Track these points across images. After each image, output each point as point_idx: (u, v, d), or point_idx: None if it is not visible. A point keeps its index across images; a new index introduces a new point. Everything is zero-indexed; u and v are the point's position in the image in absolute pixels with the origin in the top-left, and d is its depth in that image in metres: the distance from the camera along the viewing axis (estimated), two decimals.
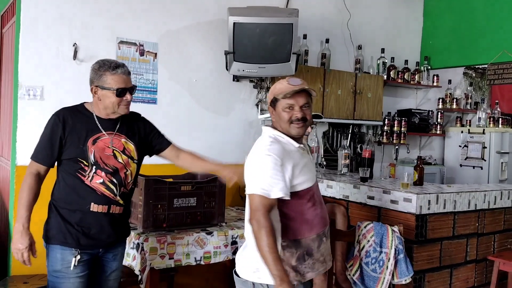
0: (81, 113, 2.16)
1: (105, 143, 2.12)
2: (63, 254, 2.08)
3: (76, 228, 2.10)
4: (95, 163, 2.10)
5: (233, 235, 2.96)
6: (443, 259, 2.81)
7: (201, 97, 3.76)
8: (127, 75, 2.14)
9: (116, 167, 2.14)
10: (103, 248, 2.20)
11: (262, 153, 1.86)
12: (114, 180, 2.14)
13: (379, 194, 2.87)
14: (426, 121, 4.95)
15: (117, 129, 2.18)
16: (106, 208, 2.13)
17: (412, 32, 5.17)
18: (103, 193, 2.12)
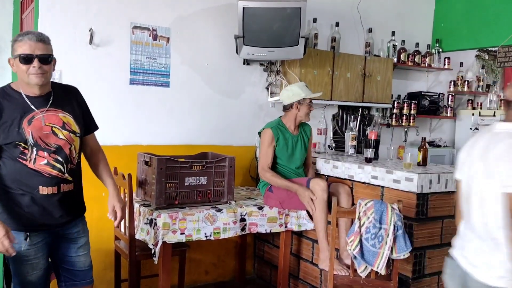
0: (9, 95, 2.04)
1: (40, 121, 2.02)
2: (17, 238, 1.99)
3: (26, 212, 2.05)
4: (35, 144, 2.01)
5: (242, 212, 3.11)
6: (444, 236, 2.90)
7: (212, 80, 3.87)
8: (35, 41, 1.98)
9: (58, 144, 2.06)
10: (59, 228, 2.16)
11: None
12: (59, 158, 2.07)
13: (382, 174, 2.96)
14: (436, 104, 4.98)
15: (49, 104, 2.07)
16: (56, 189, 2.07)
17: (423, 15, 5.16)
18: (50, 173, 2.05)
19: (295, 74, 4.04)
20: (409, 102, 4.77)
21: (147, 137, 3.61)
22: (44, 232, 2.12)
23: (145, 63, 3.58)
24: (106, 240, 3.39)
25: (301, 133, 3.36)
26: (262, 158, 3.24)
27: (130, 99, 3.55)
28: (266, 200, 3.27)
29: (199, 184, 3.03)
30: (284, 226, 3.30)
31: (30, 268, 2.10)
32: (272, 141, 3.22)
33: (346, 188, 3.16)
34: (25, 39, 1.99)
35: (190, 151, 3.53)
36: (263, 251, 3.99)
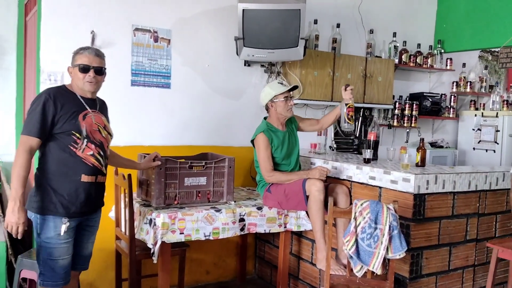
0: (66, 92, 2.42)
1: (91, 119, 2.41)
2: (55, 222, 2.33)
3: (66, 198, 2.35)
4: (86, 136, 2.37)
5: (241, 212, 3.13)
6: (441, 237, 2.91)
7: (213, 81, 3.90)
8: (94, 55, 2.42)
9: (101, 141, 2.44)
10: (87, 215, 2.49)
11: None
12: (101, 152, 2.44)
13: (380, 175, 2.97)
14: (438, 105, 4.97)
15: (97, 107, 2.50)
16: (94, 178, 2.42)
17: (425, 15, 5.16)
18: (93, 164, 2.40)
19: (295, 75, 4.06)
20: (411, 103, 4.77)
21: (148, 138, 3.65)
22: (77, 219, 2.42)
23: (146, 65, 3.62)
24: (107, 240, 3.42)
25: (289, 127, 3.39)
26: (263, 163, 3.24)
27: (131, 100, 3.59)
28: (265, 200, 3.29)
29: (198, 184, 3.07)
30: (283, 226, 3.32)
31: (63, 253, 2.38)
32: (268, 144, 3.23)
33: (345, 189, 3.17)
34: (85, 53, 2.42)
35: (190, 152, 3.56)
36: (263, 252, 4.02)
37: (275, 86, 3.31)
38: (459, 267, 3.02)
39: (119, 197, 3.20)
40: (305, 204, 3.06)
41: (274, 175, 3.21)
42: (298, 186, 3.07)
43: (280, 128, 3.34)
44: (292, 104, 3.32)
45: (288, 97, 3.29)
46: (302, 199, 3.05)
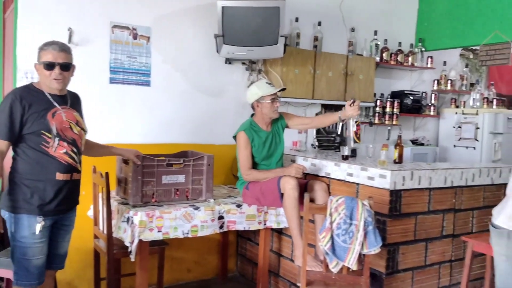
0: (34, 91, 2.37)
1: (61, 116, 2.36)
2: (29, 221, 2.31)
3: (41, 197, 2.33)
4: (57, 134, 2.33)
5: (220, 210, 3.12)
6: (418, 232, 2.93)
7: (194, 79, 3.89)
8: (58, 50, 2.33)
9: (73, 138, 2.40)
10: (63, 214, 2.46)
11: None
12: (74, 149, 2.41)
13: (357, 171, 2.98)
14: (419, 103, 5.01)
15: (68, 103, 2.44)
16: (69, 176, 2.39)
17: (406, 14, 5.20)
18: (67, 161, 2.37)
19: (276, 73, 4.07)
20: (392, 101, 4.81)
21: (128, 136, 3.63)
22: (52, 218, 2.38)
23: (125, 62, 3.60)
24: (86, 239, 3.40)
25: (275, 128, 3.38)
26: (242, 162, 3.25)
27: (110, 98, 3.56)
28: (244, 198, 3.29)
29: (177, 182, 3.05)
30: (263, 223, 3.32)
31: (38, 252, 2.35)
32: (248, 143, 3.23)
33: (323, 185, 3.18)
34: (50, 49, 2.33)
35: (171, 150, 3.54)
36: (245, 249, 4.02)
37: (263, 86, 3.29)
38: (435, 263, 3.05)
39: (97, 196, 3.18)
40: (280, 202, 3.06)
41: (251, 174, 3.21)
42: (273, 184, 3.08)
43: (264, 128, 3.33)
44: (278, 105, 3.31)
45: (275, 99, 3.28)
46: (277, 196, 3.05)
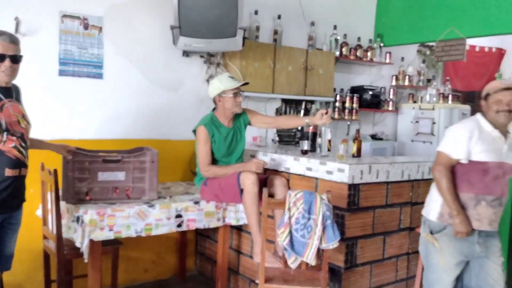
0: None
1: (9, 109, 2.26)
2: None
3: None
4: (6, 128, 2.22)
5: (177, 208, 3.02)
6: (376, 226, 2.94)
7: (149, 72, 3.75)
8: (8, 42, 2.25)
9: (21, 132, 2.30)
10: (10, 213, 2.33)
11: (458, 124, 2.45)
12: (22, 144, 2.30)
13: (316, 166, 2.95)
14: (378, 98, 5.07)
15: (14, 96, 2.34)
16: (17, 171, 2.28)
17: (365, 9, 5.23)
18: (16, 156, 2.26)
19: (235, 66, 3.99)
20: (352, 96, 4.83)
21: (79, 131, 3.46)
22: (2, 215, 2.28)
23: (76, 54, 3.42)
24: (34, 240, 3.22)
25: (237, 124, 3.29)
26: (201, 157, 3.14)
27: (59, 91, 3.38)
28: (202, 194, 3.20)
29: (115, 180, 2.88)
30: (222, 220, 3.24)
31: None
32: (208, 138, 3.13)
33: (283, 180, 3.14)
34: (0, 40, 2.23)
35: (126, 146, 3.39)
36: (204, 247, 3.93)
37: (225, 80, 3.18)
38: (393, 256, 3.07)
39: (46, 194, 3.01)
40: (239, 197, 2.99)
41: (210, 170, 3.12)
42: (233, 179, 3.00)
43: (225, 124, 3.23)
44: (241, 100, 3.21)
45: (237, 93, 3.18)
46: (236, 192, 2.98)
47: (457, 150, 2.35)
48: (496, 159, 2.34)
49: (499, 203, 2.37)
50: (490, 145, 2.34)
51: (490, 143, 2.34)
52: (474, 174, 2.35)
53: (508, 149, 2.38)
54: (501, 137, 2.37)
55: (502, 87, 2.32)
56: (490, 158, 2.33)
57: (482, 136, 2.34)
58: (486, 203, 2.34)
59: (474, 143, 2.33)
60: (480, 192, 2.34)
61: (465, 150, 2.34)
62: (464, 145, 2.34)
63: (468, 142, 2.33)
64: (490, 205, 2.34)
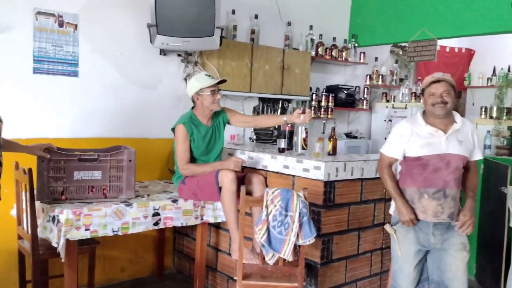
0: None
1: None
2: None
3: None
4: None
5: (154, 206, 3.02)
6: (351, 222, 3.01)
7: (126, 70, 3.73)
8: None
9: None
10: None
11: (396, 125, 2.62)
12: None
13: (293, 163, 3.01)
14: (353, 97, 5.17)
15: None
16: None
17: (340, 10, 5.32)
18: None
19: (213, 65, 4.01)
20: (327, 95, 4.91)
21: (54, 130, 3.41)
22: None
23: (51, 51, 3.38)
24: (9, 240, 3.18)
25: (215, 123, 3.31)
26: (180, 155, 3.15)
27: (34, 89, 3.33)
28: (180, 192, 3.21)
29: (92, 178, 2.87)
30: (200, 218, 3.26)
31: None
32: (186, 136, 3.14)
33: (261, 178, 3.18)
34: None
35: (102, 144, 3.38)
36: (182, 245, 3.94)
37: (202, 78, 3.20)
38: (367, 251, 3.15)
39: (20, 194, 2.97)
40: (218, 196, 3.02)
41: (188, 168, 3.13)
42: (211, 177, 3.03)
43: (204, 122, 3.25)
44: (219, 98, 3.22)
45: (215, 91, 3.19)
46: (215, 190, 3.01)
47: (390, 149, 2.55)
48: (434, 152, 2.44)
49: (443, 194, 2.44)
50: (425, 139, 2.45)
51: (425, 137, 2.46)
52: (415, 169, 2.49)
53: (449, 140, 2.45)
54: (437, 130, 2.45)
55: (433, 80, 2.44)
56: (426, 152, 2.45)
57: (416, 132, 2.47)
58: (428, 195, 2.45)
59: (407, 141, 2.48)
60: (421, 185, 2.47)
61: (399, 148, 2.51)
62: (396, 144, 2.52)
63: (400, 141, 2.50)
64: (433, 197, 2.44)
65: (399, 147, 2.51)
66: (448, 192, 2.47)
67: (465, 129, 2.51)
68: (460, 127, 2.48)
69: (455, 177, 2.48)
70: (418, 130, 2.48)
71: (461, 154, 2.47)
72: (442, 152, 2.45)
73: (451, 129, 2.46)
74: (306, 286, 2.87)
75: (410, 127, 2.50)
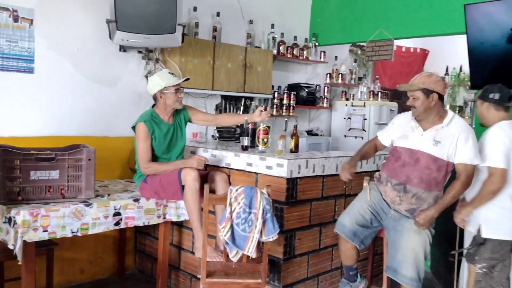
0: None
1: None
2: None
3: None
4: None
5: (115, 206, 2.97)
6: (313, 218, 3.08)
7: (84, 67, 3.63)
8: None
9: None
10: None
11: None
12: None
13: (256, 161, 3.03)
14: (314, 95, 5.25)
15: None
16: None
17: (301, 9, 5.39)
18: None
19: (175, 63, 3.97)
20: (289, 93, 4.97)
21: (8, 128, 3.28)
22: None
23: (4, 47, 3.24)
24: None
25: (177, 120, 3.29)
26: (141, 154, 3.10)
27: None
28: (142, 191, 3.17)
29: (49, 178, 2.78)
30: (162, 217, 3.23)
31: None
32: (148, 134, 3.10)
33: (224, 176, 3.19)
34: None
35: (60, 143, 3.26)
36: (144, 245, 3.88)
37: (166, 76, 3.15)
38: (329, 246, 3.23)
39: None
40: (180, 194, 3.01)
41: (150, 167, 3.09)
42: (174, 176, 3.00)
43: (165, 120, 3.21)
44: (182, 96, 3.20)
45: (178, 89, 3.17)
46: (177, 189, 2.99)
47: (382, 134, 2.90)
48: (406, 146, 2.64)
49: (403, 189, 2.62)
50: (404, 132, 2.68)
51: (405, 130, 2.68)
52: (390, 158, 2.75)
53: (425, 138, 2.58)
54: (418, 127, 2.62)
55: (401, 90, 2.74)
56: (400, 144, 2.69)
57: (402, 124, 2.71)
58: (390, 185, 2.69)
59: (392, 130, 2.79)
60: (388, 174, 2.72)
61: (386, 135, 2.84)
62: (387, 131, 2.86)
63: (390, 128, 2.84)
64: (393, 188, 2.67)
65: (386, 135, 2.83)
66: (408, 188, 2.59)
67: (450, 131, 2.55)
68: (443, 128, 2.56)
69: (422, 176, 2.57)
70: (404, 122, 2.68)
71: (432, 154, 2.55)
72: (414, 148, 2.59)
73: (430, 128, 2.57)
74: (270, 282, 2.91)
75: (402, 118, 2.77)
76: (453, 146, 2.53)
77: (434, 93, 2.54)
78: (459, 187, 2.54)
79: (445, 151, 2.55)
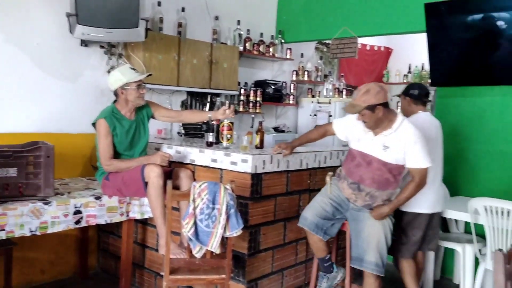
0: None
1: None
2: None
3: None
4: None
5: (76, 204, 2.90)
6: (277, 213, 3.10)
7: (44, 62, 3.53)
8: None
9: None
10: None
11: None
12: None
13: (221, 157, 3.03)
14: (280, 92, 5.28)
15: None
16: None
17: (267, 6, 5.41)
18: None
19: (138, 58, 3.90)
20: (255, 90, 4.98)
21: None
22: None
23: None
24: None
25: (139, 116, 3.24)
26: (102, 151, 3.04)
27: None
28: (104, 189, 3.11)
29: (6, 176, 2.69)
30: (125, 215, 3.18)
31: None
32: (109, 131, 3.03)
33: (188, 172, 3.16)
34: None
35: (18, 140, 3.16)
36: (107, 243, 3.81)
37: (127, 72, 3.09)
38: (293, 240, 3.26)
39: None
40: (144, 191, 2.96)
41: (112, 164, 3.04)
42: (137, 172, 2.96)
43: (127, 116, 3.15)
44: (144, 92, 3.15)
45: (140, 85, 3.11)
46: (141, 185, 2.95)
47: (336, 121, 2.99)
48: (359, 149, 2.74)
49: (357, 187, 2.73)
50: (358, 135, 2.75)
51: (359, 133, 2.74)
52: (348, 157, 2.87)
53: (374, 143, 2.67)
54: (368, 131, 2.70)
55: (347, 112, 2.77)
56: (354, 147, 2.79)
57: (357, 125, 2.72)
58: (347, 183, 2.79)
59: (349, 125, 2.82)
60: (346, 172, 2.83)
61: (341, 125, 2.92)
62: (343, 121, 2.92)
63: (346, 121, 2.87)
64: (349, 186, 2.78)
65: (343, 127, 2.88)
66: (362, 187, 2.71)
67: (399, 137, 2.62)
68: (391, 134, 2.63)
69: (375, 177, 2.68)
70: (359, 125, 2.70)
71: (381, 159, 2.65)
72: (365, 152, 2.69)
73: (380, 134, 2.65)
74: (234, 277, 2.91)
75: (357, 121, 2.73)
76: (402, 152, 2.63)
77: (378, 105, 2.57)
78: (412, 188, 2.68)
79: (394, 156, 2.65)
